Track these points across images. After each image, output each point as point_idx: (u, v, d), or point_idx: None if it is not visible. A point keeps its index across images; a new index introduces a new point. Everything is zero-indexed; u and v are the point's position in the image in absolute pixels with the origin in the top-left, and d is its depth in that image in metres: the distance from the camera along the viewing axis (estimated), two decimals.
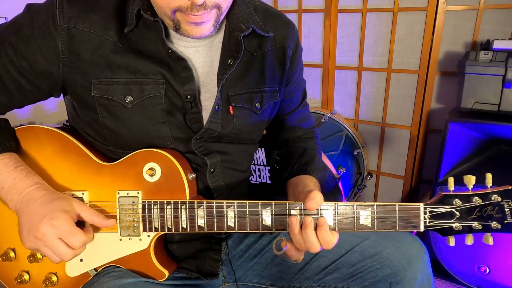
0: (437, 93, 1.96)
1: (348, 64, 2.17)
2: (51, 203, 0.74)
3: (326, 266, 0.90)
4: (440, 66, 1.91)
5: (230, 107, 0.85)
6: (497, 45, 1.47)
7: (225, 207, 0.77)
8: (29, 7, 0.78)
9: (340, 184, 1.76)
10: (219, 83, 0.82)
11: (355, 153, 2.07)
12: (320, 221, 0.73)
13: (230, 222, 0.77)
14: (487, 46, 1.58)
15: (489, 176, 0.71)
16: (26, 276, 0.85)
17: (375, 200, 2.32)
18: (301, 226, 0.74)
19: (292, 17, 2.24)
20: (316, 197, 0.73)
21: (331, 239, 0.74)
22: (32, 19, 0.76)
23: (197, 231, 0.78)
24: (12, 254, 0.84)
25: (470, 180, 0.71)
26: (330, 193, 0.74)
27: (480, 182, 1.55)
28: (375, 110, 2.17)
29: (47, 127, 0.84)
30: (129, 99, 0.79)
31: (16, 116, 1.89)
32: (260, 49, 0.88)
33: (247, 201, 0.77)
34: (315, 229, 0.74)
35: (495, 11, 1.73)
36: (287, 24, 0.93)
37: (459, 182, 1.59)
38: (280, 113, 1.00)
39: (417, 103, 2.01)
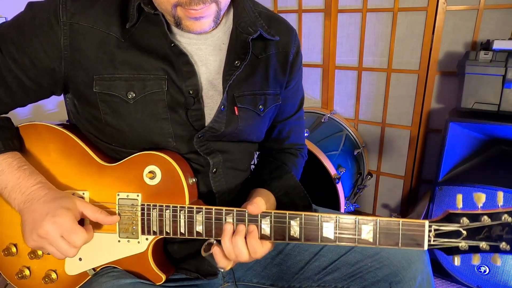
0: (437, 93, 1.96)
1: (348, 64, 2.17)
2: (54, 201, 0.74)
3: (326, 266, 0.90)
4: (440, 66, 1.91)
5: (235, 108, 0.85)
6: (497, 45, 1.47)
7: (224, 214, 0.77)
8: (30, 4, 0.78)
9: (340, 185, 1.77)
10: (226, 84, 0.82)
11: (355, 153, 2.07)
12: (250, 228, 0.75)
13: None
14: (487, 46, 1.58)
15: (500, 195, 0.67)
16: (26, 272, 0.85)
17: (375, 200, 2.32)
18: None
19: (292, 17, 2.24)
20: (259, 203, 0.75)
21: (260, 248, 0.75)
22: (34, 16, 0.76)
23: (195, 236, 0.78)
24: (14, 250, 0.85)
25: (480, 198, 0.67)
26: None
27: (480, 183, 1.52)
28: (375, 110, 2.17)
29: (50, 125, 0.84)
30: (131, 95, 0.78)
31: (15, 116, 1.89)
32: (265, 52, 0.89)
33: (246, 209, 0.76)
34: (245, 236, 0.75)
35: (495, 11, 1.73)
36: (290, 30, 0.95)
37: (459, 182, 1.59)
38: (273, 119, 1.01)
39: (417, 103, 2.01)
